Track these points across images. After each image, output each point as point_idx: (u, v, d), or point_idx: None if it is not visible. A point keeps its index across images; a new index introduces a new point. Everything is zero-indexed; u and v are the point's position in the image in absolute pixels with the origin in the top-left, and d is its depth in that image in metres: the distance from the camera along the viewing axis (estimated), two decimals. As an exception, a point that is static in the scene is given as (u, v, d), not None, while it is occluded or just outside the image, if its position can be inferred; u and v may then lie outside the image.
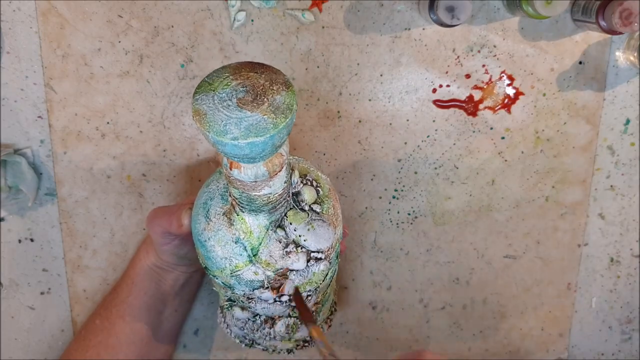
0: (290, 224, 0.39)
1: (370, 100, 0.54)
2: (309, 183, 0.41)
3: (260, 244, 0.38)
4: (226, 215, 0.39)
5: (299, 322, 0.45)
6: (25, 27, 0.51)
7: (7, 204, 0.56)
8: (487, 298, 0.61)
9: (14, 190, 0.54)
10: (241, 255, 0.39)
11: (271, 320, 0.44)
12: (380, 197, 0.57)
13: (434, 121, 0.55)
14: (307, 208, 0.40)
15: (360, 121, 0.55)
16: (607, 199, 0.58)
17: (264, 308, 0.42)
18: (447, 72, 0.54)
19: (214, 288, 0.46)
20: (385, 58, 0.53)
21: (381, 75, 0.54)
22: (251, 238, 0.38)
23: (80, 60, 0.52)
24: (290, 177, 0.38)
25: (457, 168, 0.57)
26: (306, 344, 0.49)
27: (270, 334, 0.44)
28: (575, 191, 0.58)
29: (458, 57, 0.54)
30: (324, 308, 0.48)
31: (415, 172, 0.57)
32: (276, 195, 0.37)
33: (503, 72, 0.54)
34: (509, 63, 0.54)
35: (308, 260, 0.40)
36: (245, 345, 0.48)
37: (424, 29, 0.53)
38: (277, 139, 0.32)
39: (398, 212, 0.58)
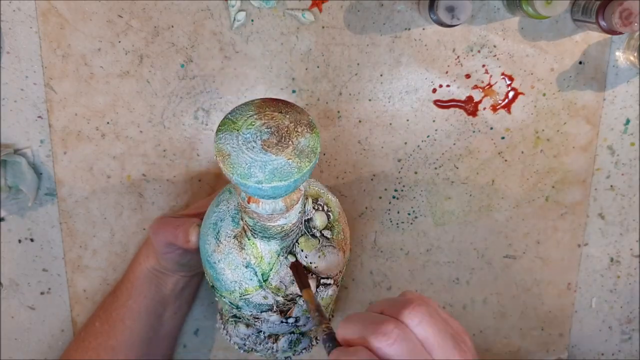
0: (302, 250, 0.39)
1: (370, 100, 0.54)
2: (321, 208, 0.41)
3: (271, 270, 0.38)
4: (237, 239, 0.39)
5: (301, 336, 0.45)
6: (25, 27, 0.51)
7: (7, 204, 0.56)
8: (487, 298, 0.61)
9: (14, 190, 0.54)
10: (251, 280, 0.38)
11: (275, 336, 0.44)
12: (380, 197, 0.57)
13: (434, 121, 0.55)
14: (318, 234, 0.40)
15: (360, 121, 0.55)
16: (607, 199, 0.58)
17: (269, 327, 0.42)
18: (447, 72, 0.54)
19: (217, 299, 0.46)
20: (385, 58, 0.53)
21: (381, 75, 0.54)
22: (262, 263, 0.38)
23: (80, 60, 0.52)
24: (304, 206, 0.38)
25: (457, 168, 0.57)
26: (304, 350, 0.49)
27: (272, 348, 0.44)
28: (575, 191, 0.58)
29: (458, 57, 0.54)
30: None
31: (415, 172, 0.57)
32: (290, 224, 0.37)
33: (503, 72, 0.54)
34: (509, 63, 0.54)
35: (317, 286, 0.39)
36: (244, 351, 0.48)
37: (424, 29, 0.53)
38: (300, 182, 0.32)
39: (398, 212, 0.58)
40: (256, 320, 0.41)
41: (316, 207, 0.41)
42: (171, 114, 0.54)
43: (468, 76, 0.54)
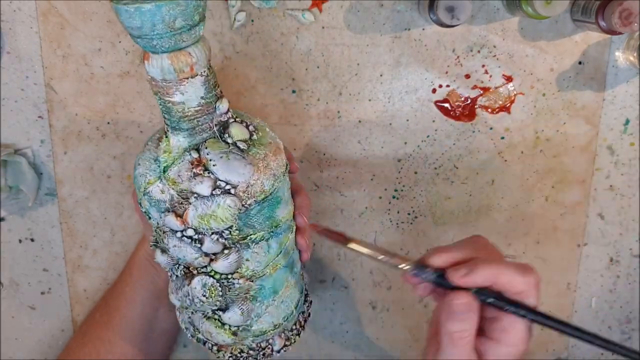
0: (206, 148, 0.39)
1: (370, 100, 0.55)
2: (245, 124, 0.41)
3: (173, 163, 0.39)
4: (159, 140, 0.41)
5: (219, 286, 0.42)
6: (25, 27, 0.51)
7: (8, 204, 0.56)
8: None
9: (14, 190, 0.54)
10: (154, 171, 0.39)
11: (190, 275, 0.42)
12: (380, 197, 0.57)
13: (433, 121, 0.55)
14: (230, 141, 0.40)
15: (360, 121, 0.55)
16: (606, 199, 0.58)
17: (175, 247, 0.40)
18: (447, 72, 0.54)
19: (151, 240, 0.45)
20: (385, 58, 0.53)
21: (381, 75, 0.54)
22: (168, 157, 0.39)
23: (80, 61, 0.52)
24: (215, 100, 0.39)
25: (457, 168, 0.57)
26: (250, 352, 0.46)
27: (189, 294, 0.42)
28: (574, 191, 0.58)
29: (458, 57, 0.54)
30: (269, 300, 0.43)
31: (415, 172, 0.57)
32: (191, 109, 0.37)
33: (503, 72, 0.54)
34: (508, 63, 0.54)
35: (214, 189, 0.38)
36: (192, 335, 0.46)
37: (424, 29, 0.53)
38: (167, 15, 0.33)
39: (398, 212, 0.58)
40: (164, 235, 0.40)
41: (237, 120, 0.41)
42: (171, 114, 0.54)
43: (468, 76, 0.54)
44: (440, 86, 0.54)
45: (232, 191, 0.38)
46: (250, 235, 0.40)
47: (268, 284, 0.43)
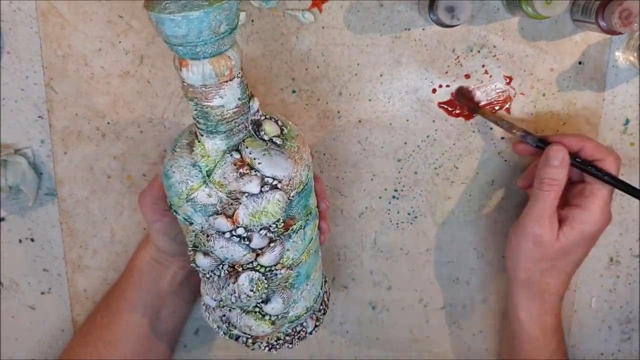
0: (247, 147, 0.39)
1: (370, 100, 0.55)
2: (273, 120, 0.42)
3: (215, 166, 0.39)
4: (189, 145, 0.40)
5: (265, 279, 0.43)
6: (25, 27, 0.51)
7: (8, 204, 0.56)
8: (487, 298, 0.61)
9: (15, 190, 0.54)
10: (196, 176, 0.39)
11: (235, 272, 0.42)
12: (380, 197, 0.57)
13: (433, 121, 0.55)
14: (266, 138, 0.40)
15: (360, 121, 0.55)
16: (606, 199, 0.58)
17: (222, 248, 0.41)
18: (447, 72, 0.54)
19: (182, 226, 0.45)
20: (385, 58, 0.53)
21: (381, 75, 0.54)
22: (208, 161, 0.39)
23: (80, 61, 0.52)
24: (249, 100, 0.39)
25: (457, 168, 0.57)
26: (287, 338, 0.47)
27: (234, 291, 0.43)
28: (575, 191, 0.58)
29: (458, 57, 0.54)
30: (303, 285, 0.45)
31: (415, 172, 0.57)
32: (230, 111, 0.38)
33: (503, 72, 0.54)
34: (508, 63, 0.54)
35: (262, 186, 0.39)
36: (224, 333, 0.46)
37: (423, 29, 0.53)
38: (214, 20, 0.33)
39: (398, 212, 0.58)
40: (209, 239, 0.41)
41: (268, 117, 0.41)
42: (171, 114, 0.54)
43: (468, 76, 0.54)
44: (440, 86, 0.54)
45: (279, 186, 0.40)
46: (292, 225, 0.42)
47: (303, 270, 0.44)
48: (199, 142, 0.40)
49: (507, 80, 0.54)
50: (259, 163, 0.39)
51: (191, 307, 0.58)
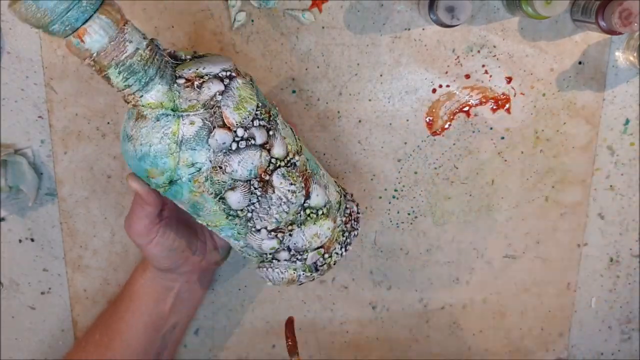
0: (182, 70, 0.40)
1: (370, 100, 0.55)
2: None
3: (174, 101, 0.39)
4: (137, 118, 0.40)
5: (292, 169, 0.43)
6: (25, 27, 0.51)
7: (8, 204, 0.56)
8: (487, 298, 0.61)
9: (15, 190, 0.54)
10: (168, 121, 0.39)
11: (266, 182, 0.42)
12: (380, 197, 0.57)
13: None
14: (189, 57, 0.41)
15: (360, 121, 0.55)
16: (606, 199, 0.58)
17: (240, 162, 0.40)
18: (447, 72, 0.54)
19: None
20: (385, 58, 0.53)
21: (381, 75, 0.54)
22: (165, 105, 0.39)
23: (80, 61, 0.52)
24: (147, 37, 0.39)
25: (457, 168, 0.57)
26: (347, 227, 0.47)
27: (280, 198, 0.42)
28: (574, 191, 0.58)
29: (458, 57, 0.54)
30: (319, 170, 0.46)
31: (415, 172, 0.57)
32: (145, 50, 0.38)
33: (503, 72, 0.54)
34: (508, 63, 0.54)
35: (223, 80, 0.40)
36: (304, 271, 0.46)
37: (423, 29, 0.53)
38: None
39: (398, 212, 0.58)
40: (224, 165, 0.40)
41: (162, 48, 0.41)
42: (171, 114, 0.54)
43: (468, 76, 0.54)
44: (440, 86, 0.54)
45: (234, 74, 0.41)
46: (270, 111, 0.42)
47: (308, 155, 0.46)
48: (144, 105, 0.39)
49: (507, 80, 0.55)
50: (203, 69, 0.40)
51: (191, 318, 0.58)
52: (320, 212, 0.45)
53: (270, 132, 0.42)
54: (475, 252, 0.59)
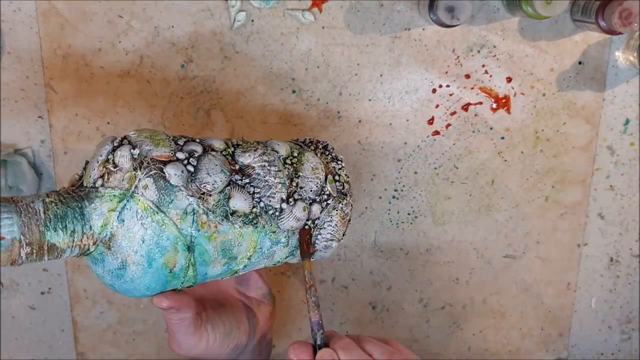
0: (88, 179, 0.38)
1: (370, 100, 0.55)
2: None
3: (114, 196, 0.37)
4: (108, 248, 0.38)
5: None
6: (25, 28, 0.51)
7: (8, 204, 0.56)
8: (487, 298, 0.61)
9: (15, 190, 0.54)
10: (129, 207, 0.37)
11: (239, 172, 0.41)
12: (380, 197, 0.57)
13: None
14: (77, 175, 0.40)
15: (360, 121, 0.55)
16: (606, 199, 0.58)
17: (209, 172, 0.39)
18: (447, 72, 0.54)
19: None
20: (385, 58, 0.53)
21: (381, 75, 0.54)
22: (114, 206, 0.37)
23: (80, 61, 0.52)
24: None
25: (457, 168, 0.57)
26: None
27: (259, 175, 0.42)
28: (574, 191, 0.58)
29: (458, 57, 0.54)
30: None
31: (415, 172, 0.57)
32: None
33: (503, 72, 0.54)
34: (508, 63, 0.54)
35: (119, 146, 0.39)
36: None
37: (423, 29, 0.53)
38: None
39: (398, 212, 0.58)
40: (191, 187, 0.39)
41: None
42: (171, 114, 0.54)
43: (468, 76, 0.54)
44: (440, 86, 0.54)
45: (118, 138, 0.40)
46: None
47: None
48: (101, 232, 0.37)
49: (507, 80, 0.55)
50: (100, 157, 0.39)
51: None
52: (295, 154, 0.45)
53: (197, 139, 0.42)
54: (475, 252, 0.59)
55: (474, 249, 0.59)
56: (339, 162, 0.47)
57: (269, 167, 0.42)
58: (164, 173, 0.38)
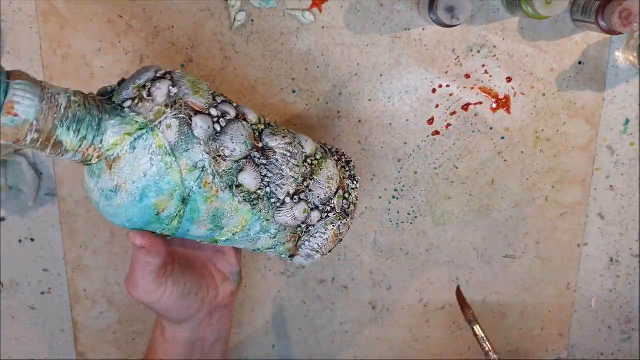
0: (119, 95, 0.37)
1: (370, 100, 0.55)
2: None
3: (136, 122, 0.36)
4: (110, 168, 0.37)
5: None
6: (25, 28, 0.51)
7: (8, 204, 0.56)
8: (487, 298, 0.61)
9: (15, 190, 0.54)
10: (145, 139, 0.36)
11: (261, 150, 0.41)
12: (380, 197, 0.57)
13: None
14: (111, 87, 0.39)
15: (360, 121, 0.55)
16: (606, 199, 0.58)
17: (233, 138, 0.38)
18: (447, 72, 0.54)
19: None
20: (385, 58, 0.53)
21: (381, 75, 0.54)
22: (131, 131, 0.36)
23: (80, 61, 0.52)
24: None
25: (457, 168, 0.57)
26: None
27: (277, 161, 0.41)
28: (574, 191, 0.58)
29: (458, 57, 0.54)
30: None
31: (415, 172, 0.57)
32: (79, 98, 0.35)
33: (503, 72, 0.54)
34: (508, 63, 0.54)
35: (163, 78, 0.38)
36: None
37: (423, 29, 0.53)
38: None
39: (398, 212, 0.58)
40: (211, 145, 0.38)
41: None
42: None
43: (468, 76, 0.54)
44: (440, 86, 0.54)
45: (166, 71, 0.39)
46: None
47: None
48: (110, 149, 0.36)
49: (507, 80, 0.55)
50: (139, 80, 0.38)
51: (227, 352, 0.53)
52: (318, 157, 0.44)
53: (234, 104, 0.41)
54: (475, 252, 0.59)
55: (474, 249, 0.59)
56: (355, 183, 0.47)
57: (289, 158, 0.41)
58: (191, 121, 0.37)
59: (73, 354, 0.60)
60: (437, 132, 0.56)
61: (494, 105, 0.55)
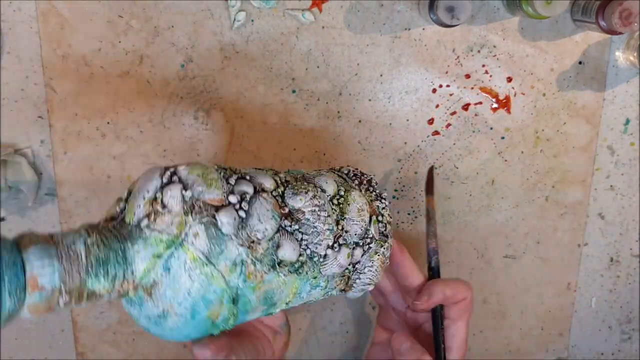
0: (132, 217, 0.35)
1: (370, 100, 0.55)
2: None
3: (161, 241, 0.34)
4: (149, 295, 0.35)
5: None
6: (25, 27, 0.51)
7: (8, 203, 0.56)
8: (487, 298, 0.61)
9: (14, 190, 0.54)
10: (177, 256, 0.34)
11: (289, 216, 0.39)
12: (380, 197, 0.57)
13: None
14: (119, 208, 0.37)
15: (360, 121, 0.55)
16: (606, 199, 0.58)
17: (260, 218, 0.36)
18: (447, 72, 0.54)
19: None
20: (385, 58, 0.53)
21: (381, 75, 0.54)
22: (159, 253, 0.34)
23: (80, 61, 0.52)
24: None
25: (457, 168, 0.57)
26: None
27: (308, 221, 0.39)
28: (575, 191, 0.58)
29: (458, 57, 0.54)
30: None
31: (415, 172, 0.57)
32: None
33: (503, 72, 0.54)
34: (508, 63, 0.54)
35: (169, 184, 0.35)
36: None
37: (423, 29, 0.53)
38: None
39: (398, 212, 0.58)
40: (241, 235, 0.36)
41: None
42: (171, 114, 0.54)
43: (468, 76, 0.54)
44: (441, 86, 0.54)
45: (170, 170, 0.37)
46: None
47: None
48: (143, 277, 0.34)
49: (508, 80, 0.55)
50: (147, 193, 0.35)
51: None
52: (342, 193, 0.42)
53: (247, 177, 0.38)
54: (475, 252, 0.59)
55: (474, 249, 0.59)
56: (383, 201, 0.45)
57: (318, 213, 0.39)
58: (216, 220, 0.34)
59: (73, 354, 0.60)
60: (437, 132, 0.56)
61: (494, 105, 0.55)
